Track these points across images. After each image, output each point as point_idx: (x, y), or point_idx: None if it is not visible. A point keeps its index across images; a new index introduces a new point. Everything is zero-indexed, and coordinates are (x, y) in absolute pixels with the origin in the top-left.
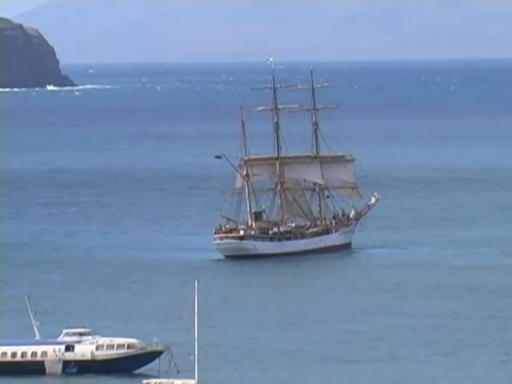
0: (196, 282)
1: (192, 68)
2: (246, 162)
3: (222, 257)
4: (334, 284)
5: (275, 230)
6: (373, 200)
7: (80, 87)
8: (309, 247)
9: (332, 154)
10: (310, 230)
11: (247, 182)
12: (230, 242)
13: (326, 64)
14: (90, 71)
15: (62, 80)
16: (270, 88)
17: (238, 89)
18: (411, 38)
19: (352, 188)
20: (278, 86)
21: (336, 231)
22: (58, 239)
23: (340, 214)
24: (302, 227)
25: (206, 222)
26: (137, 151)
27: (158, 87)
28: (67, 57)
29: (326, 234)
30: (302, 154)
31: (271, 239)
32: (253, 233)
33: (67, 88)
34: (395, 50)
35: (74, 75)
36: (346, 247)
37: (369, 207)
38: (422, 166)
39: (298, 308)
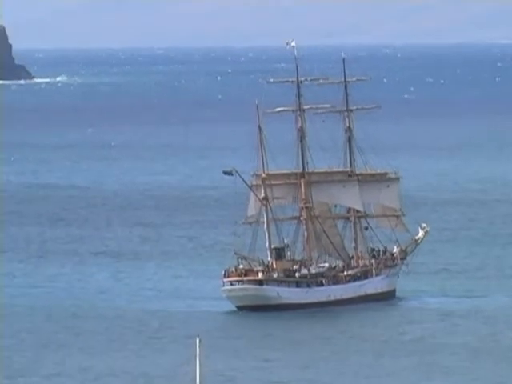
0: (198, 340)
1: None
2: (263, 179)
3: (233, 307)
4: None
5: (304, 271)
6: (420, 233)
7: (41, 80)
8: (345, 296)
9: (370, 170)
10: (346, 273)
11: (266, 207)
12: (246, 288)
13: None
14: (57, 59)
15: (17, 71)
16: (292, 82)
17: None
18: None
19: (397, 217)
20: (302, 79)
21: (377, 274)
22: None
23: (381, 252)
24: (334, 268)
25: (210, 262)
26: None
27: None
28: (22, 40)
29: (365, 278)
30: (334, 170)
31: (297, 284)
32: (275, 275)
33: (23, 81)
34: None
35: (31, 64)
36: (389, 295)
37: (416, 243)
38: (486, 185)
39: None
